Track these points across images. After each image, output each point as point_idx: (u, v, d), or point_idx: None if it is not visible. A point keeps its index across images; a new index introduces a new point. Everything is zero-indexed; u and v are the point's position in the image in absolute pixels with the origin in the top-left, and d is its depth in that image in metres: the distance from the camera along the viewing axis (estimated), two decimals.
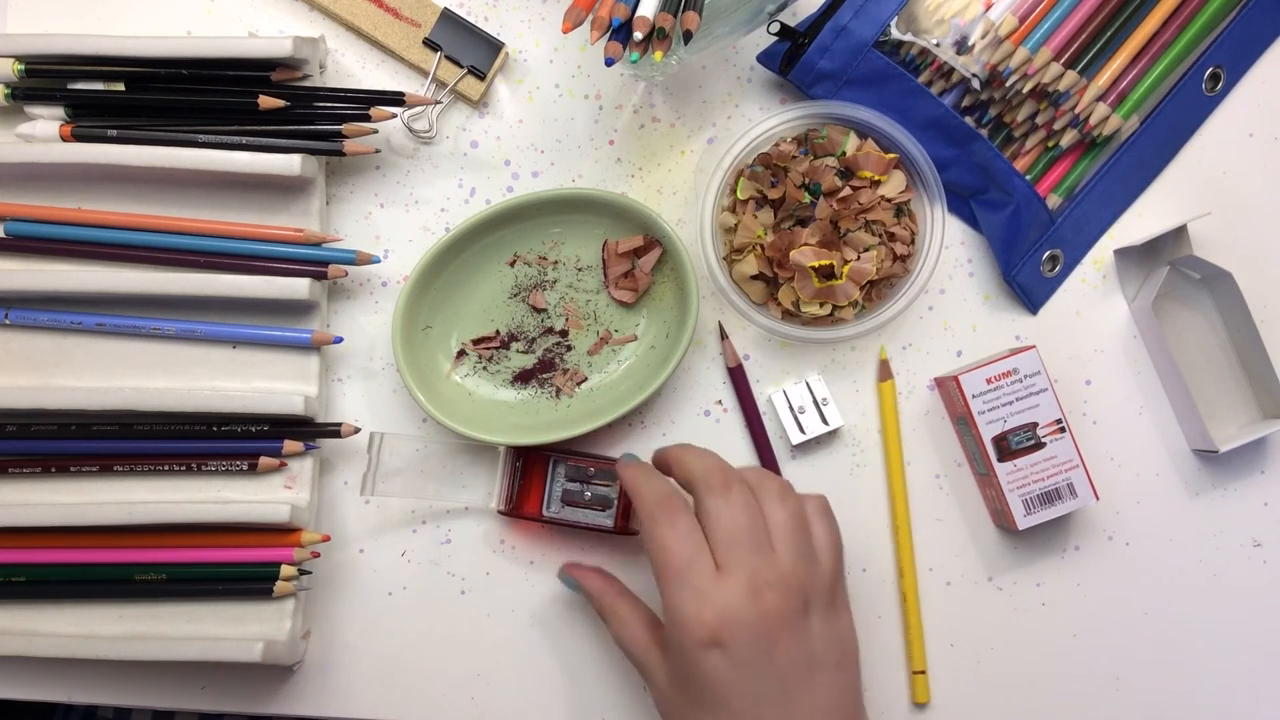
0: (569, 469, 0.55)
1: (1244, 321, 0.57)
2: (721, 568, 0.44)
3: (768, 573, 0.44)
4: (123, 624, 0.54)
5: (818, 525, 0.48)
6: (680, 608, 0.44)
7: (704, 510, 0.46)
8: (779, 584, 0.44)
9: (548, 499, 0.54)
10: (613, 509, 0.54)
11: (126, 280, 0.54)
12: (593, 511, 0.54)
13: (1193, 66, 0.59)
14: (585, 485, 0.54)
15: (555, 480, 0.55)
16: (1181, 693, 0.58)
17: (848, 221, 0.55)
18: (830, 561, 0.47)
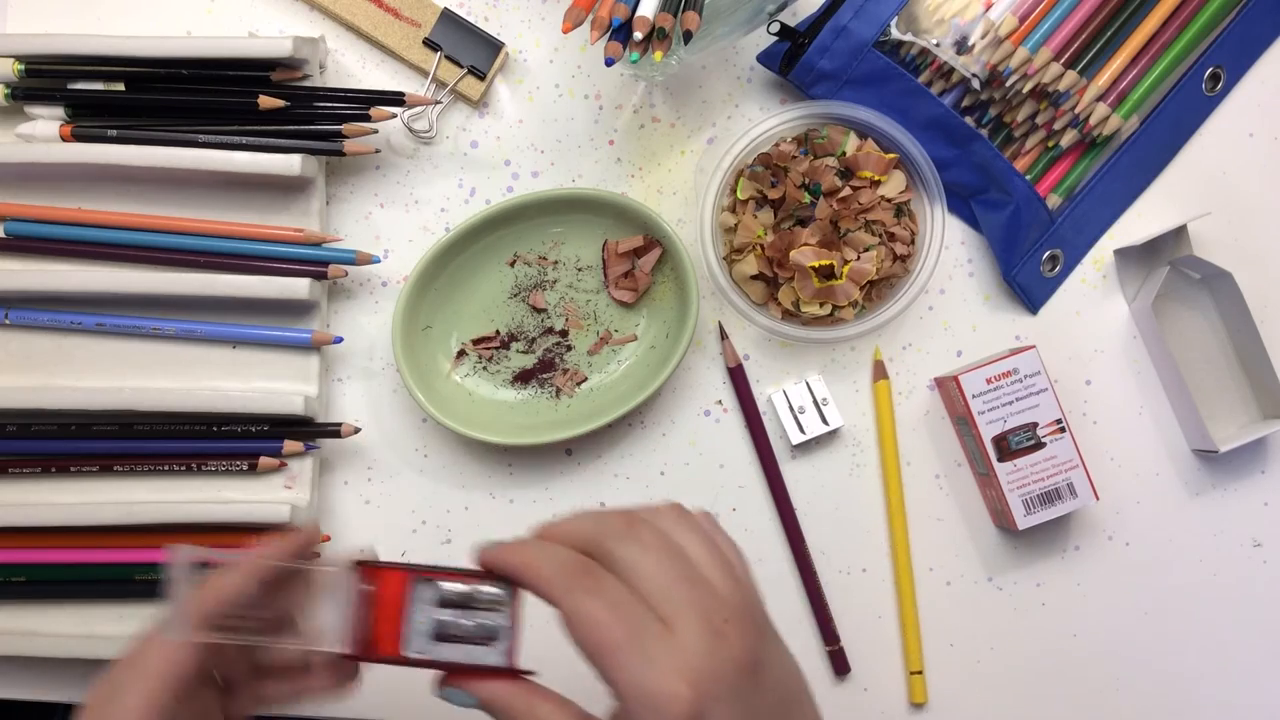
0: (440, 592, 0.40)
1: (1244, 321, 0.57)
2: (669, 621, 0.36)
3: (718, 608, 0.37)
4: (123, 624, 0.54)
5: (720, 538, 0.41)
6: (642, 686, 0.35)
7: (619, 565, 0.38)
8: (734, 616, 0.37)
9: (409, 633, 0.39)
10: (504, 642, 0.40)
11: (126, 280, 0.54)
12: (476, 647, 0.40)
13: (1193, 66, 0.59)
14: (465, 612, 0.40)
15: (419, 607, 0.40)
16: (1181, 693, 0.58)
17: (848, 221, 0.55)
18: (747, 575, 0.41)
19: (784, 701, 0.38)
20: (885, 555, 0.58)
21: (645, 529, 0.39)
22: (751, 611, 0.39)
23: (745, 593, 0.39)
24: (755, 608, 0.39)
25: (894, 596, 0.58)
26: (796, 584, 0.58)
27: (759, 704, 0.37)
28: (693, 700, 0.35)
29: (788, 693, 0.38)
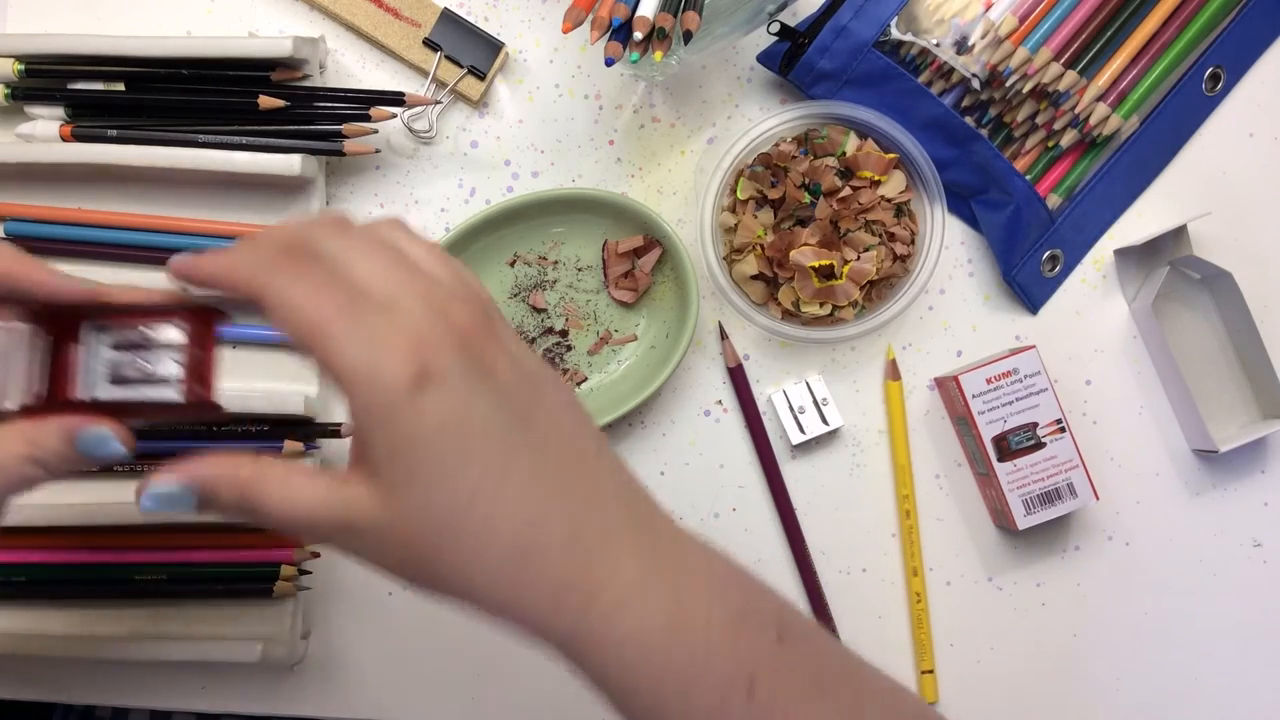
0: (114, 335, 0.38)
1: (1244, 321, 0.57)
2: (386, 303, 0.32)
3: (440, 291, 0.33)
4: (123, 624, 0.54)
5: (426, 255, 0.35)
6: (358, 357, 0.30)
7: (329, 256, 0.33)
8: (458, 298, 0.33)
9: (87, 378, 0.37)
10: (177, 375, 0.38)
11: (126, 280, 0.54)
12: (155, 386, 0.38)
13: (1193, 66, 0.59)
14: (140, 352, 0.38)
15: (95, 353, 0.37)
16: (1181, 693, 0.58)
17: (848, 221, 0.55)
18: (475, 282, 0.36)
19: (529, 380, 0.34)
20: (886, 555, 0.58)
21: (358, 228, 0.35)
22: (480, 300, 0.34)
23: (471, 285, 0.35)
24: (484, 301, 0.35)
25: (896, 597, 0.58)
26: (796, 584, 0.58)
27: (494, 375, 0.32)
28: (415, 362, 0.31)
29: (528, 373, 0.34)
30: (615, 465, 0.35)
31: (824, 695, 0.34)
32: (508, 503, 0.32)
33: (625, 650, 0.33)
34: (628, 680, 0.33)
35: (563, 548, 0.32)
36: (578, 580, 0.33)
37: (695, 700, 0.33)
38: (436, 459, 0.31)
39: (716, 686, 0.33)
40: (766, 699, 0.33)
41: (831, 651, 0.36)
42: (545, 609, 0.33)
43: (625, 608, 0.33)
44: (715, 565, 0.35)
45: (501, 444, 0.32)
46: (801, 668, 0.34)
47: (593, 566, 0.33)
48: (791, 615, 0.36)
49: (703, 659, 0.33)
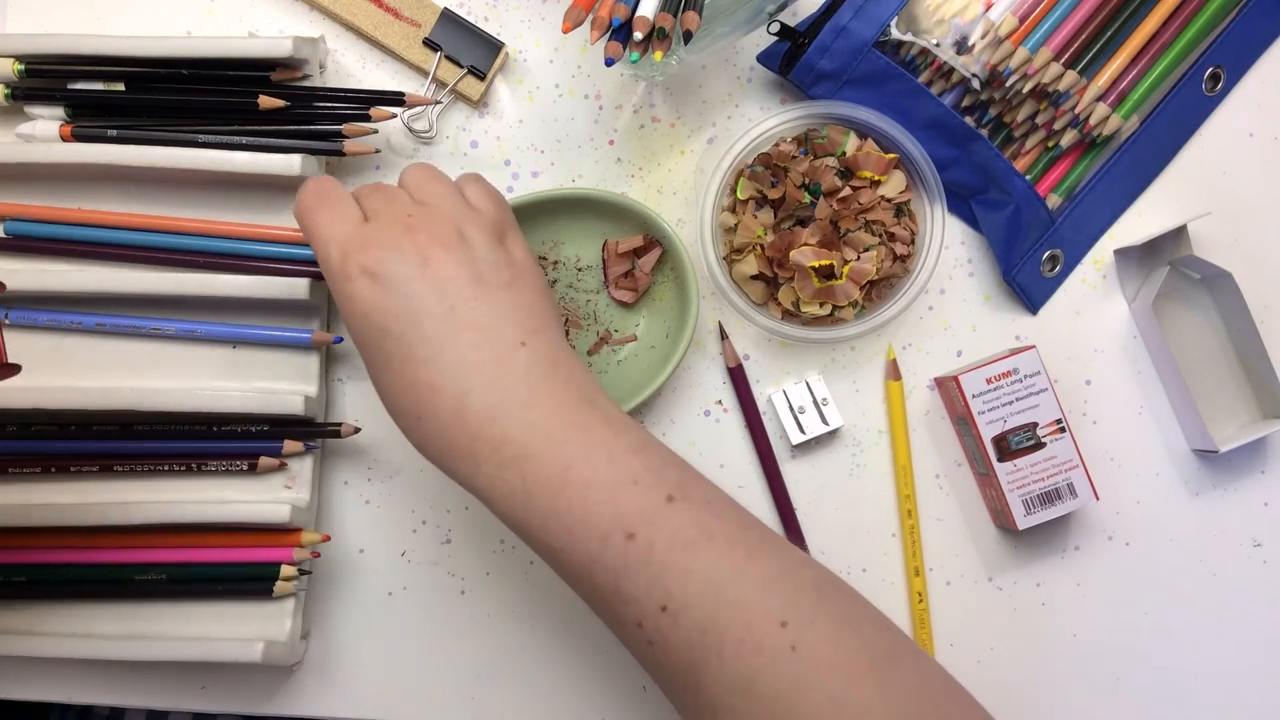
0: None
1: (1244, 321, 0.57)
2: (369, 216, 0.43)
3: (414, 211, 0.43)
4: (122, 624, 0.54)
5: (471, 186, 0.47)
6: (326, 246, 0.42)
7: (360, 200, 0.45)
8: (426, 215, 0.43)
9: None
10: None
11: (126, 280, 0.54)
12: None
13: (1193, 66, 0.59)
14: None
15: None
16: (1181, 693, 0.58)
17: (848, 221, 0.55)
18: (493, 209, 0.46)
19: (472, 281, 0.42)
20: (886, 555, 0.58)
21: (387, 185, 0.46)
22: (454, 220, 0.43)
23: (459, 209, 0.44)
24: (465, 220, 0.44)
25: (896, 597, 0.58)
26: None
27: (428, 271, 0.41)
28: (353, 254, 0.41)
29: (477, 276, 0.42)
30: (541, 356, 0.42)
31: (710, 545, 0.39)
32: (409, 373, 0.41)
33: (512, 501, 0.40)
34: (519, 523, 0.40)
35: (453, 415, 0.40)
36: (465, 443, 0.40)
37: (579, 542, 0.39)
38: (360, 331, 0.42)
39: (597, 531, 0.39)
40: (645, 544, 0.39)
41: (724, 518, 0.41)
42: (445, 464, 0.41)
43: (510, 468, 0.40)
44: (623, 441, 0.41)
45: (412, 327, 0.41)
46: (690, 523, 0.39)
47: (480, 434, 0.40)
48: (688, 485, 0.41)
49: (581, 511, 0.39)
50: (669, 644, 0.39)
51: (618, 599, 0.39)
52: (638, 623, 0.39)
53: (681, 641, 0.38)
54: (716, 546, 0.39)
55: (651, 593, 0.38)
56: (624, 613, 0.39)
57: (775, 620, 0.38)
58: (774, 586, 0.39)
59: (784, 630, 0.38)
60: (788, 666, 0.37)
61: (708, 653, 0.38)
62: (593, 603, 0.41)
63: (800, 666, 0.38)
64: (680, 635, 0.38)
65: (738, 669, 0.38)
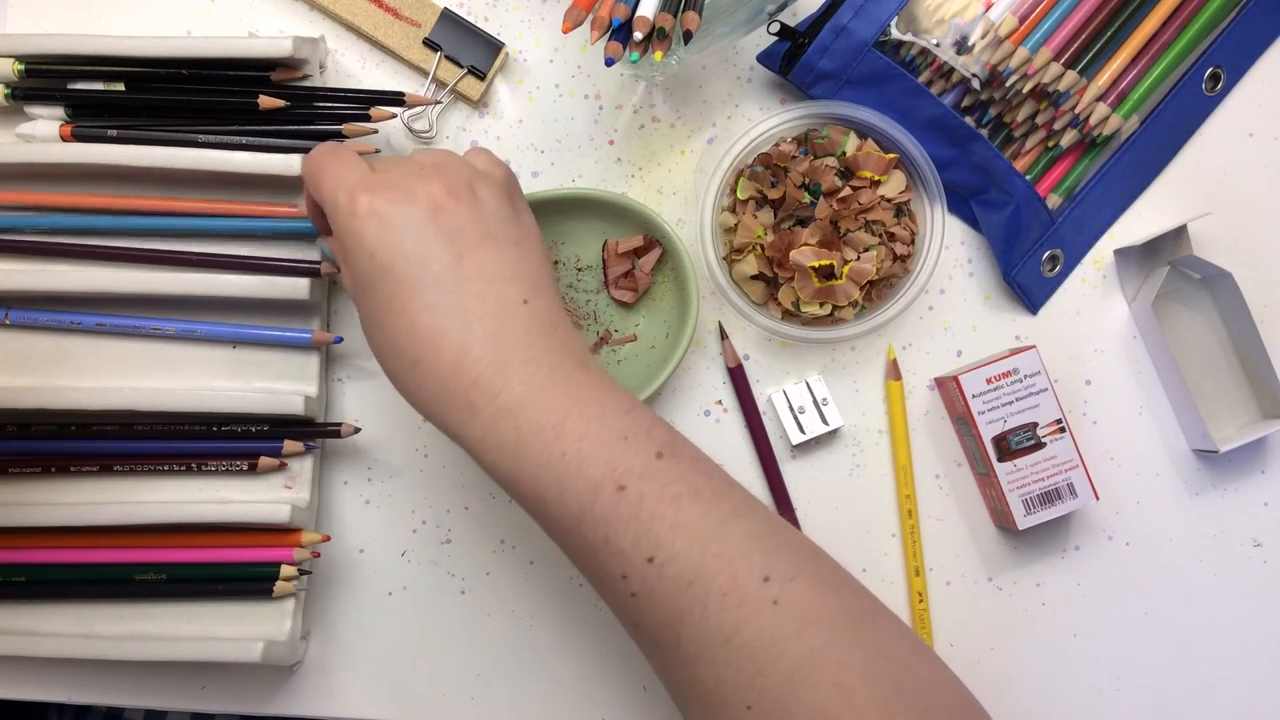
0: None
1: (1244, 321, 0.57)
2: (380, 166, 0.44)
3: (426, 168, 0.43)
4: (123, 624, 0.54)
5: (480, 156, 0.47)
6: (335, 191, 0.42)
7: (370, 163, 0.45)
8: (438, 171, 0.43)
9: None
10: None
11: (126, 280, 0.54)
12: None
13: (1193, 66, 0.59)
14: None
15: None
16: (1181, 693, 0.58)
17: (848, 221, 0.55)
18: (502, 174, 0.46)
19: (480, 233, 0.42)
20: (886, 555, 0.58)
21: None
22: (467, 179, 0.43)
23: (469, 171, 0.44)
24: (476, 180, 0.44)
25: (895, 596, 0.58)
26: None
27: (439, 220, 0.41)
28: (361, 194, 0.41)
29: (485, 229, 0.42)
30: (541, 315, 0.42)
31: (697, 500, 0.40)
32: (411, 316, 0.41)
33: (504, 451, 0.40)
34: (509, 473, 0.41)
35: (452, 362, 0.40)
36: (462, 391, 0.40)
37: (569, 491, 0.40)
38: (363, 271, 0.41)
39: (589, 483, 0.39)
40: (635, 497, 0.39)
41: (710, 477, 0.42)
42: (436, 411, 0.41)
43: (505, 418, 0.40)
44: (615, 400, 0.42)
45: (419, 270, 0.41)
46: (678, 479, 0.40)
47: (478, 382, 0.40)
48: (676, 444, 0.42)
49: (575, 461, 0.40)
50: (654, 596, 0.39)
51: (605, 551, 0.40)
52: (623, 575, 0.40)
53: (666, 593, 0.39)
54: (703, 502, 0.40)
55: (639, 544, 0.39)
56: (610, 565, 0.40)
57: (759, 575, 0.39)
58: (757, 543, 0.40)
59: (766, 585, 0.39)
60: (770, 619, 0.38)
61: (692, 604, 0.39)
62: (578, 555, 0.41)
63: (781, 620, 0.38)
64: (665, 587, 0.39)
65: (720, 620, 0.38)
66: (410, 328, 0.41)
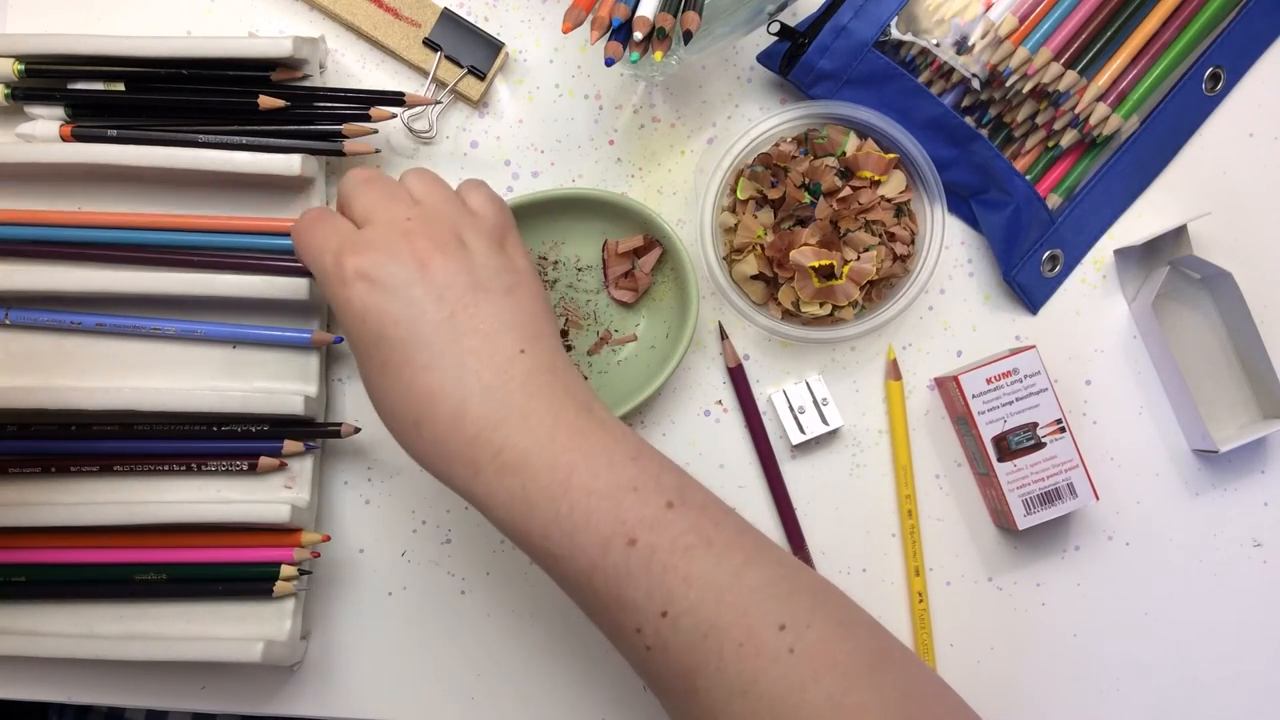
0: None
1: (1244, 321, 0.57)
2: (360, 217, 0.43)
3: (413, 214, 0.43)
4: (123, 624, 0.54)
5: (473, 192, 0.46)
6: (321, 255, 0.42)
7: (345, 204, 0.45)
8: (424, 219, 0.42)
9: None
10: None
11: (126, 280, 0.54)
12: None
13: (1193, 66, 0.59)
14: None
15: None
16: (1182, 693, 0.58)
17: (848, 221, 0.55)
18: (493, 214, 0.45)
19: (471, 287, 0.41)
20: (886, 555, 0.58)
21: (379, 177, 0.45)
22: (454, 225, 0.43)
23: (456, 214, 0.43)
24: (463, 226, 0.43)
25: (896, 597, 0.58)
26: None
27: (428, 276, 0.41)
28: (348, 261, 0.41)
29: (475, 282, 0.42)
30: (540, 363, 0.42)
31: (710, 551, 0.39)
32: (407, 378, 0.40)
33: (512, 508, 0.40)
34: (518, 530, 0.40)
35: (452, 421, 0.40)
36: (464, 449, 0.40)
37: (579, 548, 0.39)
38: (357, 336, 0.41)
39: (599, 537, 0.39)
40: (647, 550, 0.39)
41: (723, 525, 0.41)
42: (442, 470, 0.41)
43: (510, 474, 0.40)
44: (622, 448, 0.41)
45: (410, 332, 0.40)
46: (689, 529, 0.39)
47: (478, 439, 0.40)
48: (687, 492, 0.41)
49: (584, 516, 0.39)
50: (668, 649, 0.39)
51: (618, 605, 0.39)
52: (637, 629, 0.39)
53: (681, 646, 0.38)
54: (715, 552, 0.39)
55: (652, 598, 0.39)
56: (623, 619, 0.39)
57: (774, 623, 0.38)
58: (771, 591, 0.39)
59: (782, 633, 0.38)
60: (787, 668, 0.38)
61: (708, 656, 0.38)
62: (591, 609, 0.41)
63: (799, 668, 0.38)
64: (680, 640, 0.38)
65: (738, 671, 0.38)
66: (407, 389, 0.40)
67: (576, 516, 0.39)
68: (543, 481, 0.39)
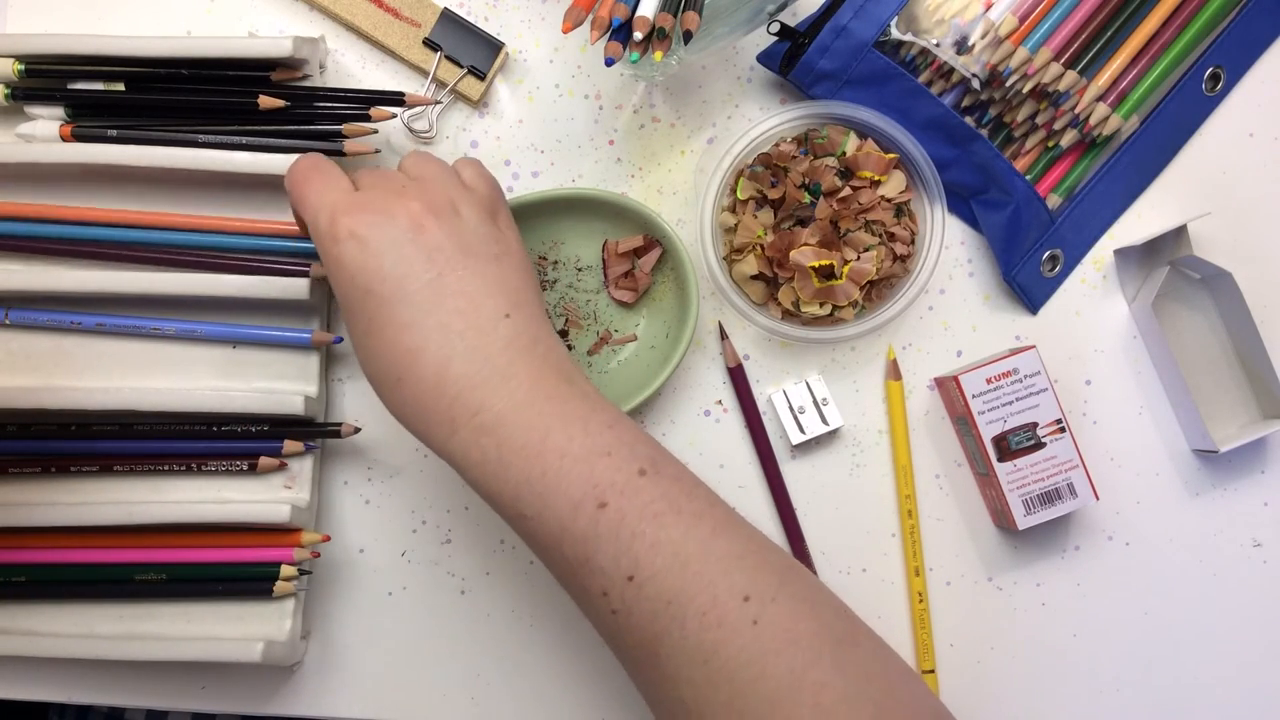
0: None
1: (1244, 321, 0.57)
2: (361, 187, 0.44)
3: (408, 184, 0.44)
4: (123, 624, 0.54)
5: (467, 168, 0.47)
6: (316, 212, 0.42)
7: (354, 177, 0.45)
8: (420, 188, 0.43)
9: None
10: None
11: (126, 280, 0.54)
12: None
13: (1193, 66, 0.59)
14: None
15: None
16: (1182, 693, 0.58)
17: (848, 221, 0.55)
18: (486, 189, 0.47)
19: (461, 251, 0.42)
20: (885, 555, 0.58)
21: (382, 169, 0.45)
22: (448, 196, 0.44)
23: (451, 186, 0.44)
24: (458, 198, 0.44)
25: (896, 596, 0.58)
26: None
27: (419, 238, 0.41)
28: (341, 217, 0.41)
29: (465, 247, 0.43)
30: (522, 330, 0.42)
31: (679, 518, 0.40)
32: (391, 335, 0.41)
33: (486, 468, 0.40)
34: (491, 490, 0.41)
35: (433, 380, 0.41)
36: (443, 408, 0.41)
37: (550, 509, 0.40)
38: (345, 293, 0.42)
39: (569, 500, 0.39)
40: (616, 514, 0.39)
41: (694, 495, 0.41)
42: (420, 428, 0.42)
43: (486, 434, 0.40)
44: (598, 417, 0.42)
45: (397, 290, 0.41)
46: (659, 496, 0.40)
47: (458, 399, 0.40)
48: (660, 462, 0.42)
49: (556, 477, 0.39)
50: (633, 614, 0.39)
51: (585, 568, 0.40)
52: (603, 592, 0.40)
53: (646, 612, 0.39)
54: (685, 520, 0.40)
55: (619, 562, 0.39)
56: (590, 582, 0.40)
57: (739, 594, 0.39)
58: (739, 563, 0.40)
59: (746, 605, 0.39)
60: (749, 640, 0.38)
61: (671, 623, 0.38)
62: (559, 571, 0.41)
63: (761, 641, 0.38)
64: (645, 606, 0.39)
65: (700, 640, 0.38)
66: (391, 346, 0.41)
67: (549, 479, 0.40)
68: (518, 443, 0.40)
